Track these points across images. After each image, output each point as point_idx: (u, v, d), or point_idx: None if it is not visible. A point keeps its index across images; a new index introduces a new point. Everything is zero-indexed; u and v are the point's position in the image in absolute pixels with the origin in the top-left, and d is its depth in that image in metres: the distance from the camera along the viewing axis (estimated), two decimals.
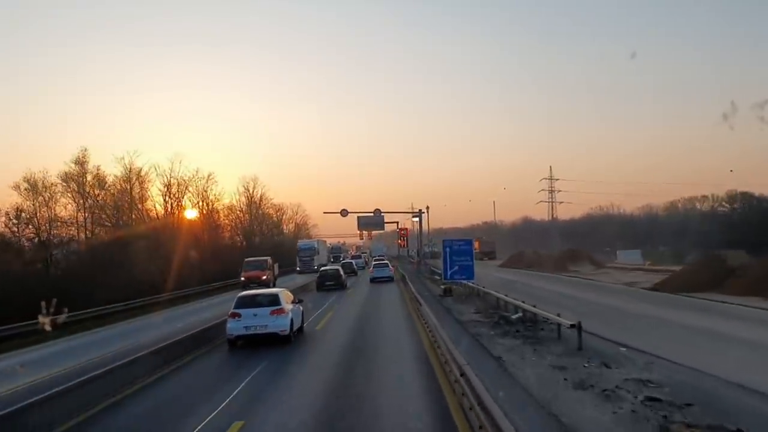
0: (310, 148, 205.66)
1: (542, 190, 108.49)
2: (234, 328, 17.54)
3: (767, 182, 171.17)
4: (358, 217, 69.95)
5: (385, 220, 76.85)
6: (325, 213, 67.12)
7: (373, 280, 47.29)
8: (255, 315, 17.51)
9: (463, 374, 9.84)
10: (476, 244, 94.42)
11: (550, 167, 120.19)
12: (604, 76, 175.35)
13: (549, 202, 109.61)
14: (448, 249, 33.04)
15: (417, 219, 65.22)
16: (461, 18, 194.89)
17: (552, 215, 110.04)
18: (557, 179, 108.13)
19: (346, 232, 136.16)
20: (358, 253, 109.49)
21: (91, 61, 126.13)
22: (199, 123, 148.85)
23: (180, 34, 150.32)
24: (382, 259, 64.30)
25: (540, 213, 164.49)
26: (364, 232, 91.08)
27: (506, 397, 9.46)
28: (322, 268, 48.83)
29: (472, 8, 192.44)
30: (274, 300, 18.08)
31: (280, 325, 17.52)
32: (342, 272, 44.34)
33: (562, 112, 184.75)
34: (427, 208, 71.50)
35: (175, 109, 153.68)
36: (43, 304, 16.11)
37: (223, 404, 10.97)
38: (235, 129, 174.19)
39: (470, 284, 32.45)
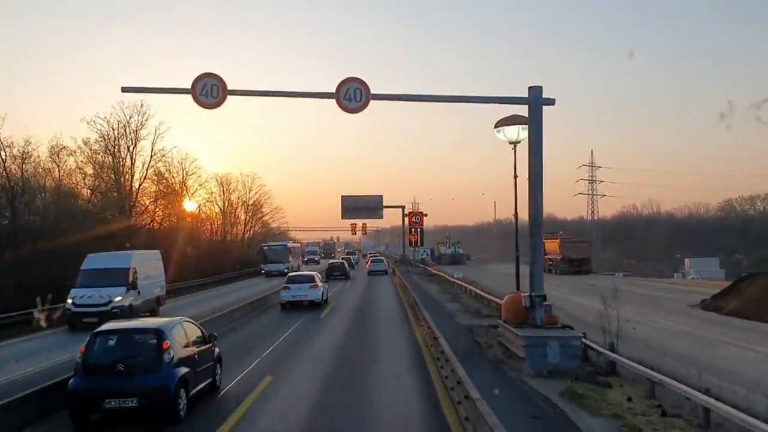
0: (306, 139, 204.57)
1: (580, 179, 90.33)
2: (285, 296, 27.68)
3: None
4: (342, 197, 50.56)
5: (384, 204, 55.53)
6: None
7: (370, 273, 56.72)
8: (299, 288, 27.54)
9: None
10: (553, 244, 56.37)
11: (591, 151, 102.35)
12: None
13: (589, 194, 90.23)
14: None
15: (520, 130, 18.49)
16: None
17: (592, 211, 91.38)
18: (599, 167, 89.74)
19: (329, 224, 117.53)
20: (352, 250, 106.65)
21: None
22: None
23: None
24: (377, 256, 73.99)
25: (564, 211, 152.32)
26: (355, 224, 75.52)
27: None
28: (330, 261, 59.43)
29: None
30: (311, 279, 28.51)
31: (316, 295, 27.75)
32: (347, 265, 54.65)
33: (592, 101, 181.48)
34: None
35: None
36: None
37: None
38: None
39: None
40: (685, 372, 12.54)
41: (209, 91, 15.14)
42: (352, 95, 15.20)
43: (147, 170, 45.47)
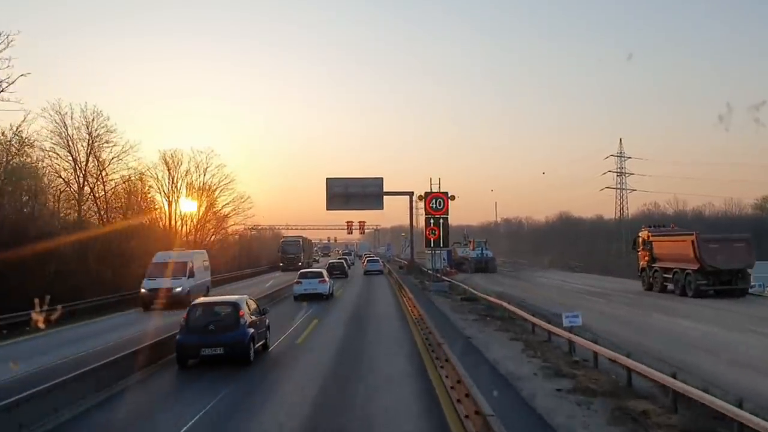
0: (305, 139, 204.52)
1: (607, 171, 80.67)
2: (298, 289, 33.05)
3: None
4: (328, 180, 40.59)
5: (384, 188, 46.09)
6: None
7: (367, 273, 61.53)
8: (310, 283, 32.87)
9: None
10: (681, 245, 32.64)
11: (620, 140, 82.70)
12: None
13: (617, 189, 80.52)
14: None
15: None
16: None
17: (621, 208, 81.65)
18: (629, 157, 79.29)
19: (318, 223, 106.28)
20: (348, 251, 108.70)
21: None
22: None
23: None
24: (372, 256, 77.97)
25: (580, 209, 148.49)
26: (351, 222, 76.38)
27: None
28: (330, 261, 64.53)
29: None
30: (320, 275, 33.90)
31: (324, 288, 33.11)
32: (346, 264, 59.78)
33: (618, 89, 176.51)
34: None
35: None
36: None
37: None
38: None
39: None
40: None
41: None
42: None
43: None
